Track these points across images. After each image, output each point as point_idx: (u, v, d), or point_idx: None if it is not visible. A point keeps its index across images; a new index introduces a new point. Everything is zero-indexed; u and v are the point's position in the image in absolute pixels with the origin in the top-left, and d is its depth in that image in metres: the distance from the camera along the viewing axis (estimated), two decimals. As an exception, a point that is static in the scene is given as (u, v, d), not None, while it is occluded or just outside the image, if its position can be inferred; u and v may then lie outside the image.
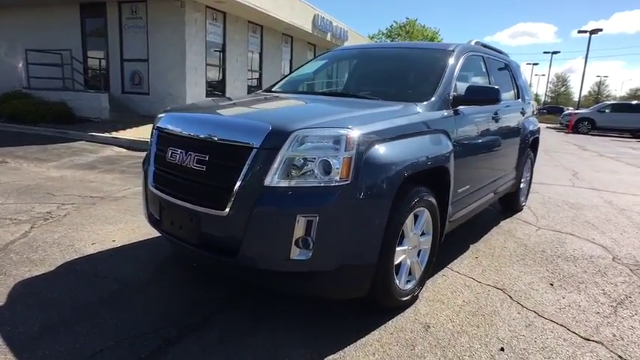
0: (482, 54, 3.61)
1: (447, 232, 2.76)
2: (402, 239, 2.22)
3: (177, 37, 10.82)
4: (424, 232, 2.43)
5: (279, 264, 1.92)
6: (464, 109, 2.83)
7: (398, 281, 2.23)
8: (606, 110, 20.32)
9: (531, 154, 4.61)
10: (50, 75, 10.83)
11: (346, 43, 18.15)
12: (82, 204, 4.01)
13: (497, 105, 3.08)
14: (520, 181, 4.31)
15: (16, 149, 6.79)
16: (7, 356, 1.80)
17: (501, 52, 4.28)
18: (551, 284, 2.76)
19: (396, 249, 2.14)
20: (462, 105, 2.80)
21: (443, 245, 2.69)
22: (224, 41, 12.56)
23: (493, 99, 2.78)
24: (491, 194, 3.59)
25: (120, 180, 5.13)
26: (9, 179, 4.85)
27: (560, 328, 2.23)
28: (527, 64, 58.75)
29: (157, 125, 2.44)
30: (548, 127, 22.74)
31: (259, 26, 14.16)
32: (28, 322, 2.03)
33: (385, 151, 2.03)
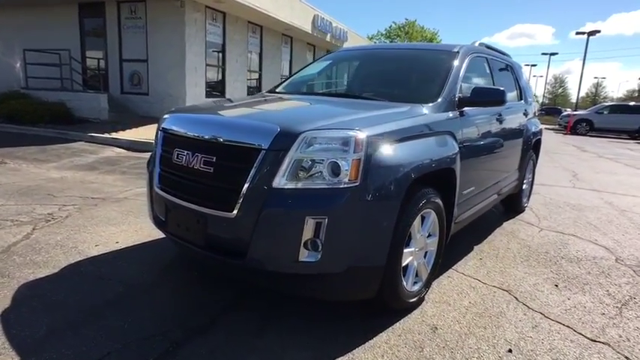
0: (486, 55, 3.62)
1: (452, 234, 2.76)
2: (410, 241, 2.21)
3: (177, 38, 10.79)
4: (430, 234, 2.44)
5: (287, 266, 1.91)
6: (469, 110, 2.83)
7: (405, 283, 2.23)
8: (604, 112, 20.44)
9: (533, 155, 4.62)
10: (48, 75, 10.76)
11: (346, 43, 18.16)
12: (84, 205, 3.99)
13: (500, 106, 3.08)
14: (523, 183, 4.32)
15: (15, 150, 6.75)
16: None
17: (504, 53, 4.29)
18: (556, 285, 2.77)
19: (404, 250, 2.14)
20: (467, 106, 2.80)
21: (447, 247, 2.68)
22: (224, 41, 12.54)
23: (499, 100, 2.78)
24: (495, 195, 3.60)
25: (121, 181, 5.11)
26: (9, 180, 4.82)
27: (567, 329, 2.23)
28: (525, 65, 58.96)
29: (162, 126, 2.42)
30: (546, 128, 22.63)
31: (259, 26, 14.15)
32: (33, 325, 2.02)
33: (393, 153, 2.03)
